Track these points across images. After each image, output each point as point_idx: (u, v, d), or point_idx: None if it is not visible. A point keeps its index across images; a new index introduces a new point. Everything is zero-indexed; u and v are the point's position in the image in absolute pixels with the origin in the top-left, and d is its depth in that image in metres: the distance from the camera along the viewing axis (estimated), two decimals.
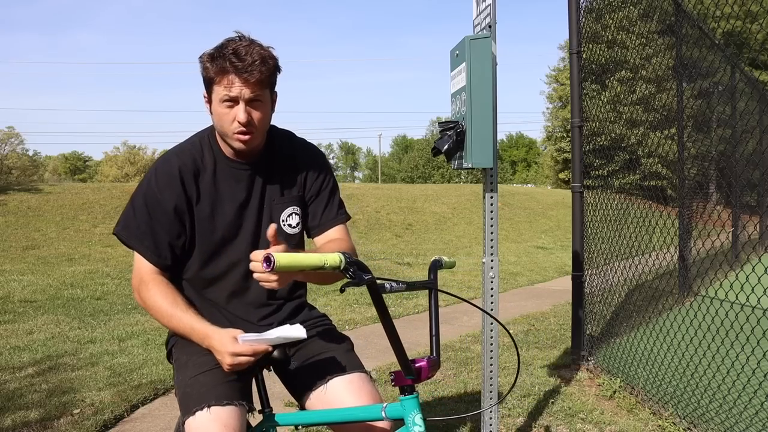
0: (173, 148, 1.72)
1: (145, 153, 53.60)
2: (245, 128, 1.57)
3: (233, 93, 1.53)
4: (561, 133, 42.83)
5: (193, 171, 1.65)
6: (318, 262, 1.18)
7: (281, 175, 1.74)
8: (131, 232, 1.65)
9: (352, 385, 1.66)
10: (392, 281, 1.36)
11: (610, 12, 4.40)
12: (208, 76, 1.56)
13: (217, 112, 1.58)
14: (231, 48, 1.53)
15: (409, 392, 1.39)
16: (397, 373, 1.39)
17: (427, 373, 1.41)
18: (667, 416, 3.05)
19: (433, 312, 1.50)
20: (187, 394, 1.55)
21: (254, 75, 1.52)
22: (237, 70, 1.51)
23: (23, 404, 3.39)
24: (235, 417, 1.51)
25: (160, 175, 1.64)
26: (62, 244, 11.16)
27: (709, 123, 6.58)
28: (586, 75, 4.18)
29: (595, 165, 4.46)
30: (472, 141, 2.20)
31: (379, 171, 73.65)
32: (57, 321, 5.61)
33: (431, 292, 1.52)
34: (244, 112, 1.55)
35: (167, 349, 1.80)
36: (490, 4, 2.28)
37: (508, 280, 8.61)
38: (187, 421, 1.50)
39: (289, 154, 1.76)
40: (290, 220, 1.75)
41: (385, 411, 1.45)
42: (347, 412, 1.56)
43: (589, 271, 4.18)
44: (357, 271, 1.22)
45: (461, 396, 3.56)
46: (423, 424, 1.37)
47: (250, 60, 1.51)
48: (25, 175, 34.83)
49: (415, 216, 16.65)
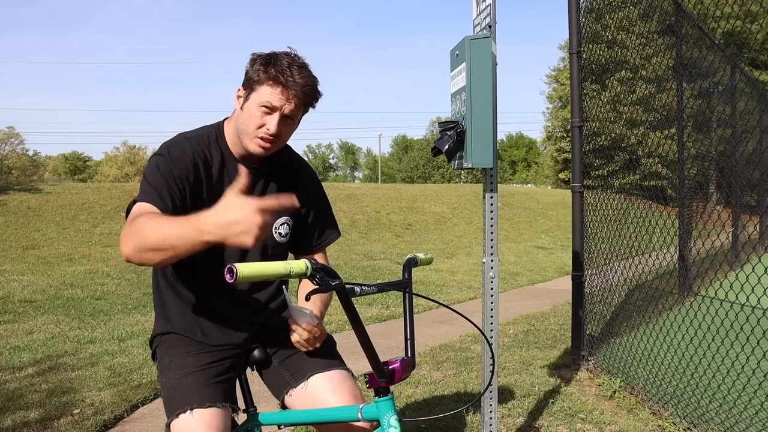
0: (180, 135, 1.69)
1: (145, 153, 53.67)
2: (271, 137, 1.60)
3: (276, 103, 1.57)
4: (561, 133, 42.84)
5: (204, 161, 1.65)
6: (283, 270, 1.17)
7: (279, 184, 1.76)
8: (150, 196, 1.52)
9: (332, 382, 1.67)
10: (363, 285, 1.34)
11: (610, 12, 4.40)
12: (258, 78, 1.58)
13: (249, 112, 1.59)
14: (287, 61, 1.57)
15: (383, 394, 1.40)
16: (370, 375, 1.40)
17: (401, 374, 1.41)
18: (667, 416, 3.05)
19: (408, 313, 1.50)
20: (171, 397, 1.56)
21: (300, 96, 1.58)
22: (289, 85, 1.56)
23: (23, 404, 3.39)
24: (219, 418, 1.52)
25: (174, 151, 1.61)
26: (62, 244, 11.16)
27: (709, 123, 6.58)
28: (586, 75, 4.18)
29: (595, 165, 4.46)
30: (472, 141, 2.20)
31: (379, 171, 73.64)
32: (57, 321, 5.61)
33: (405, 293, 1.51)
34: (277, 124, 1.58)
35: (152, 349, 1.80)
36: (490, 4, 2.28)
37: (508, 280, 8.61)
38: (172, 424, 1.51)
39: (287, 166, 1.80)
40: (281, 229, 1.77)
41: (361, 412, 1.46)
42: (325, 412, 1.58)
43: (589, 271, 4.18)
44: (324, 277, 1.21)
45: (461, 396, 3.56)
46: (399, 425, 1.38)
47: (303, 82, 1.57)
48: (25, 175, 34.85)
49: (415, 216, 16.65)
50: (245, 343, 1.75)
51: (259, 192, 1.72)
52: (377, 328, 5.38)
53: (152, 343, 1.80)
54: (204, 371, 1.62)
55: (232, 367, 1.71)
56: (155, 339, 1.77)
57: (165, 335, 1.74)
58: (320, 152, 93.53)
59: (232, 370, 1.71)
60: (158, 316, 1.78)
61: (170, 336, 1.73)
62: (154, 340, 1.78)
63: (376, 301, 6.64)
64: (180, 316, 1.72)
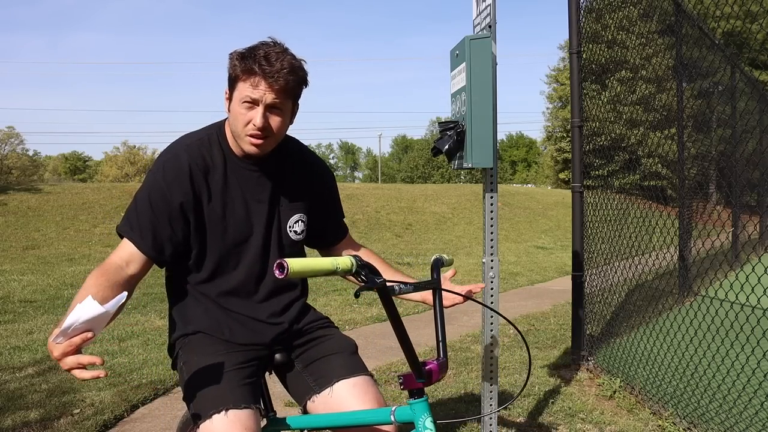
0: (180, 140, 1.67)
1: (145, 153, 53.64)
2: (260, 132, 1.55)
3: (255, 95, 1.51)
4: (561, 133, 42.83)
5: (203, 169, 1.61)
6: (330, 267, 1.17)
7: (290, 182, 1.73)
8: (132, 226, 1.58)
9: (356, 389, 1.64)
10: (400, 283, 1.35)
11: (610, 12, 4.40)
12: (234, 74, 1.54)
13: (234, 111, 1.56)
14: (263, 51, 1.51)
15: (418, 395, 1.37)
16: (406, 376, 1.37)
17: (437, 375, 1.39)
18: (667, 416, 3.05)
19: (438, 313, 1.47)
20: (203, 397, 1.51)
21: (279, 82, 1.51)
22: (264, 74, 1.50)
23: (23, 404, 3.39)
24: (254, 420, 1.50)
25: (168, 170, 1.59)
26: (62, 244, 11.16)
27: (709, 123, 6.58)
28: (586, 75, 4.17)
29: (595, 165, 4.46)
30: (472, 141, 2.20)
31: (379, 171, 73.67)
32: (57, 321, 5.59)
33: (435, 292, 1.50)
34: (262, 116, 1.53)
35: (173, 356, 1.73)
36: (490, 4, 2.28)
37: (508, 280, 8.61)
38: (204, 425, 1.46)
39: (299, 161, 1.76)
40: (296, 226, 1.74)
41: (394, 415, 1.43)
42: (356, 415, 1.54)
43: (589, 271, 4.18)
44: (369, 275, 1.21)
45: (461, 396, 3.56)
46: (434, 427, 1.35)
47: (279, 66, 1.50)
48: (25, 175, 34.86)
49: (415, 216, 16.65)
50: (271, 344, 1.72)
51: (269, 192, 1.68)
52: (377, 328, 5.38)
53: (173, 348, 1.73)
54: (237, 371, 1.58)
55: (258, 369, 1.68)
56: (177, 342, 1.71)
57: (189, 336, 1.68)
58: (320, 152, 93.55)
59: (258, 371, 1.68)
60: (177, 321, 1.72)
61: (196, 336, 1.68)
62: (175, 344, 1.72)
63: (376, 301, 6.64)
64: (204, 315, 1.68)
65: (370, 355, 4.46)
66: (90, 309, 1.29)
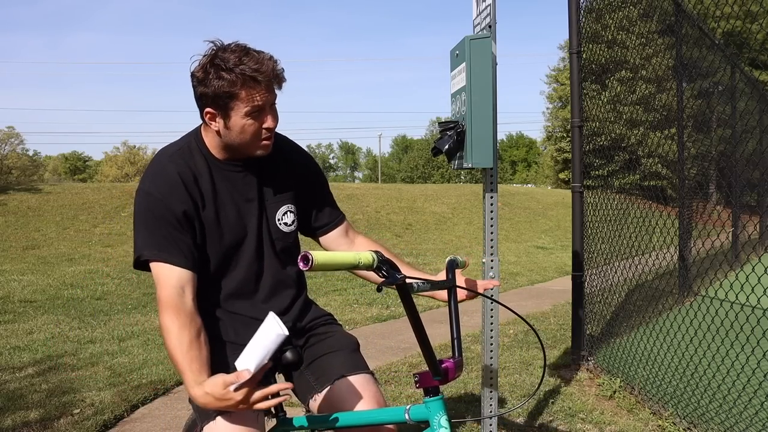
0: (161, 153, 1.64)
1: (145, 153, 53.58)
2: (271, 132, 1.56)
3: (260, 102, 1.50)
4: (561, 133, 42.82)
5: (192, 177, 1.60)
6: (353, 261, 1.19)
7: (272, 174, 1.71)
8: (153, 248, 1.53)
9: (358, 387, 1.64)
10: (419, 281, 1.36)
11: (610, 12, 4.40)
12: (223, 92, 1.47)
13: (239, 125, 1.52)
14: (237, 58, 1.47)
15: (434, 394, 1.37)
16: (422, 375, 1.36)
17: (454, 374, 1.39)
18: (667, 416, 3.05)
19: (453, 312, 1.48)
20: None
21: (272, 79, 1.51)
22: (259, 79, 1.47)
23: (23, 404, 3.39)
24: (257, 421, 1.50)
25: (161, 184, 1.56)
26: (62, 244, 11.16)
27: (709, 123, 6.58)
28: (586, 75, 4.18)
29: (595, 165, 4.46)
30: (472, 141, 2.20)
31: (379, 171, 73.67)
32: (57, 321, 5.61)
33: (450, 291, 1.51)
34: (274, 117, 1.55)
35: None
36: (490, 4, 2.28)
37: (508, 280, 8.61)
38: (207, 426, 1.47)
39: (278, 151, 1.71)
40: (285, 218, 1.73)
41: (408, 413, 1.41)
42: (370, 414, 1.53)
43: (589, 271, 4.18)
44: (390, 270, 1.22)
45: (461, 396, 3.56)
46: (449, 425, 1.35)
47: (268, 66, 1.49)
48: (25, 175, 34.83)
49: (415, 216, 16.65)
50: None
51: (256, 188, 1.68)
52: (377, 328, 5.38)
53: None
54: None
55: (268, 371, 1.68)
56: None
57: None
58: (320, 152, 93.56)
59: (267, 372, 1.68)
60: None
61: None
62: None
63: (376, 301, 6.64)
64: (208, 318, 1.65)
65: (370, 355, 4.46)
66: (273, 336, 1.33)
